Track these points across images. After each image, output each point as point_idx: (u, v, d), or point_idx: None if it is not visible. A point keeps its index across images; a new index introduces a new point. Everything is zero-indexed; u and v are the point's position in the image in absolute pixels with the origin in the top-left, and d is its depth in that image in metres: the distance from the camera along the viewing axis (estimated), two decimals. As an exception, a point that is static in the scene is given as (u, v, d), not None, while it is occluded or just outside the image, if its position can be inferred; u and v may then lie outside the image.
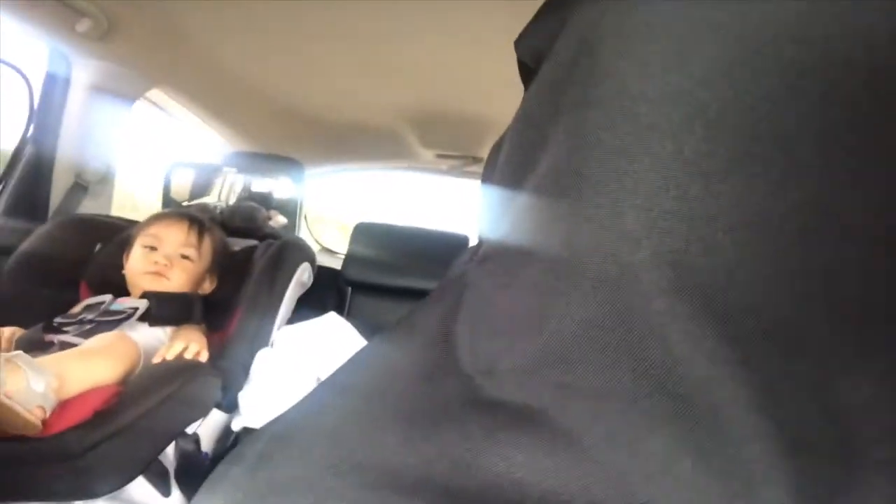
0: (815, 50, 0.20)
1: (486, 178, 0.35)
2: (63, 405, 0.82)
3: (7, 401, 0.74)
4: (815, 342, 0.20)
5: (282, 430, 0.29)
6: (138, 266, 1.28)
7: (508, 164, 0.30)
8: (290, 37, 1.46)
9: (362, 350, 0.32)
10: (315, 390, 0.31)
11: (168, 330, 1.21)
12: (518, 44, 0.33)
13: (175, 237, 1.32)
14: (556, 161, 0.25)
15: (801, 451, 0.20)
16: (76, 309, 1.22)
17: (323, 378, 1.03)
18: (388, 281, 1.84)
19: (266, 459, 0.27)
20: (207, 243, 1.36)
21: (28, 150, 1.45)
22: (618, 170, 0.22)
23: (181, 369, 1.02)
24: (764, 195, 0.20)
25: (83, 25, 1.28)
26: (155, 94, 1.72)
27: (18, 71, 1.35)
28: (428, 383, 0.26)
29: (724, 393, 0.20)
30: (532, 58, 0.31)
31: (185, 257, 1.31)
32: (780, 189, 0.20)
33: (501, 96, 1.71)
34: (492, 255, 0.29)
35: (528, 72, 0.33)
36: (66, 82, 1.45)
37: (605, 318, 0.22)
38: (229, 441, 1.16)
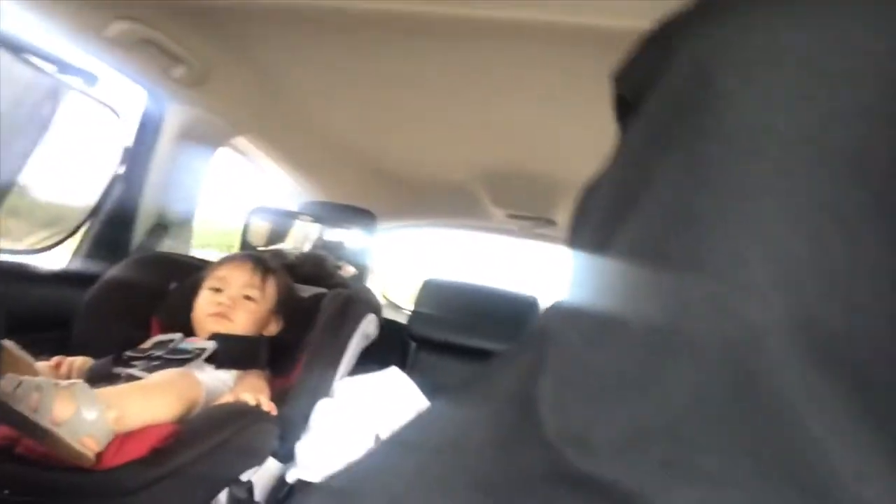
0: None
1: (578, 223, 0.32)
2: (121, 439, 0.81)
3: (52, 427, 0.74)
4: None
5: (343, 485, 0.26)
6: (204, 308, 1.31)
7: (605, 206, 0.27)
8: (370, 91, 1.49)
9: (431, 408, 0.28)
10: (379, 447, 0.27)
11: (233, 373, 1.21)
12: (617, 77, 0.30)
13: (239, 278, 1.34)
14: (664, 201, 0.22)
15: None
16: (146, 344, 1.24)
17: (382, 434, 1.00)
18: (453, 339, 1.80)
19: None
20: (271, 285, 1.38)
21: (117, 189, 1.50)
22: (740, 211, 0.19)
23: (240, 413, 1.01)
24: None
25: (178, 72, 1.34)
26: (238, 140, 1.78)
27: (115, 112, 1.42)
28: (504, 450, 0.23)
29: (877, 491, 0.16)
30: (633, 92, 0.28)
31: (248, 298, 1.32)
32: None
33: (575, 158, 1.70)
34: (582, 308, 0.25)
35: (625, 108, 0.30)
36: (158, 125, 1.51)
37: (724, 387, 0.18)
38: (283, 492, 1.12)
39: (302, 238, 1.92)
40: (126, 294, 1.37)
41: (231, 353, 1.21)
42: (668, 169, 0.22)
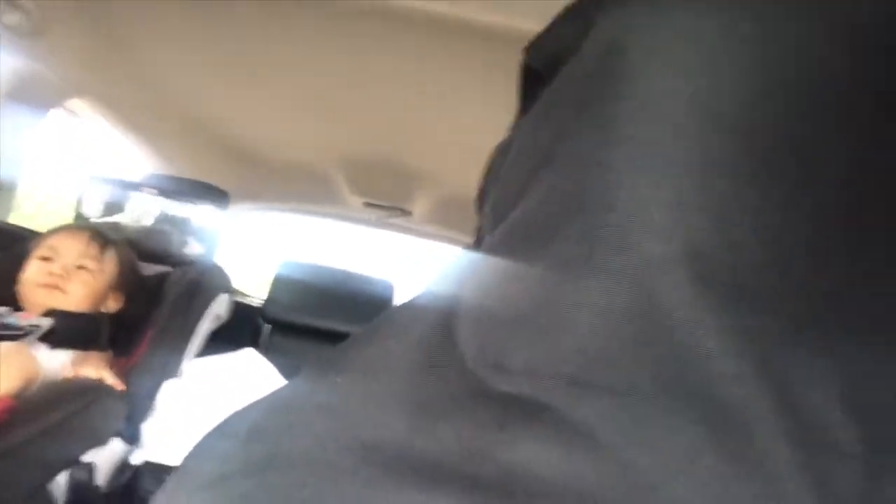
0: (830, 69, 0.22)
1: (489, 178, 0.34)
2: (-52, 416, 0.72)
3: None
4: (839, 344, 0.21)
5: (276, 402, 0.26)
6: (32, 278, 1.18)
7: (521, 160, 0.30)
8: (230, 65, 1.43)
9: (359, 335, 0.30)
10: (310, 369, 0.28)
11: (70, 354, 1.10)
12: (531, 49, 0.34)
13: (73, 248, 1.23)
14: (578, 153, 0.25)
15: (826, 451, 0.19)
16: (-36, 319, 1.10)
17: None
18: (311, 321, 1.78)
19: (260, 431, 0.24)
20: (111, 257, 1.28)
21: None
22: (646, 163, 0.23)
23: (82, 389, 0.93)
24: (783, 201, 0.21)
25: (12, 18, 1.19)
26: (75, 101, 1.62)
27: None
28: (431, 373, 0.25)
29: (749, 390, 0.20)
30: (546, 62, 0.32)
31: (83, 269, 1.22)
32: (795, 196, 0.21)
33: (437, 151, 1.75)
34: (495, 251, 0.28)
35: (533, 79, 0.33)
36: (-18, 77, 1.34)
37: (627, 309, 0.21)
38: (126, 476, 1.05)
39: (142, 211, 1.79)
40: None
41: (69, 331, 1.11)
42: (583, 126, 0.25)
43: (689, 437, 0.20)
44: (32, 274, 1.19)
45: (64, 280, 1.18)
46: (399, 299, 1.92)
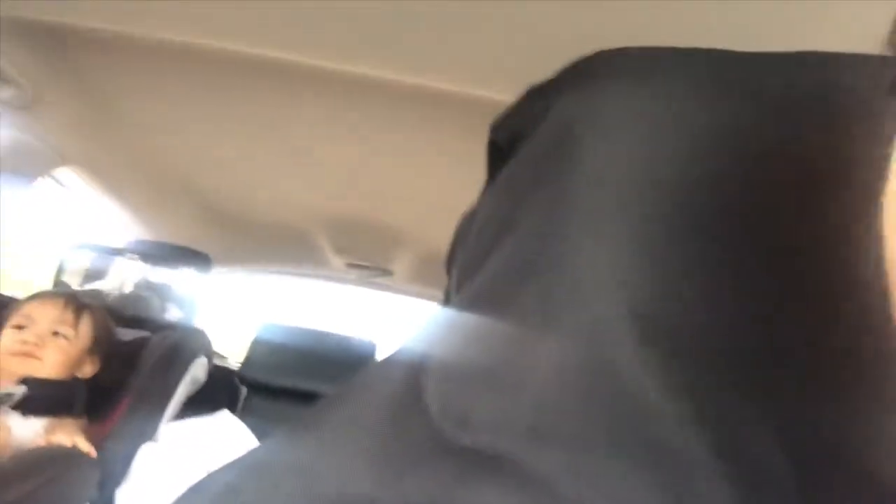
0: (758, 136, 0.25)
1: (457, 244, 0.37)
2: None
3: None
4: (777, 392, 0.22)
5: (249, 463, 0.27)
6: (6, 347, 1.18)
7: (486, 227, 0.32)
8: (217, 131, 1.47)
9: (332, 394, 0.31)
10: (283, 429, 0.30)
11: (44, 421, 1.10)
12: (495, 126, 0.37)
13: (48, 314, 1.23)
14: (536, 222, 0.27)
15: (764, 489, 0.21)
16: (-63, 389, 1.10)
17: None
18: (290, 383, 1.77)
19: (232, 491, 0.25)
20: (86, 322, 1.28)
21: None
22: (594, 230, 0.25)
23: (54, 458, 0.93)
24: (717, 259, 0.23)
25: (6, 93, 1.23)
26: (62, 170, 1.66)
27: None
28: (398, 428, 0.26)
29: (689, 435, 0.21)
30: (508, 139, 0.35)
31: (59, 335, 1.22)
32: (729, 255, 0.23)
33: (417, 212, 1.78)
34: (460, 313, 0.30)
35: (497, 154, 0.36)
36: (-31, 148, 1.37)
37: (580, 365, 0.23)
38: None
39: (123, 278, 1.80)
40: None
41: (42, 398, 1.11)
42: (539, 199, 0.28)
43: (638, 482, 0.21)
44: (6, 343, 1.19)
45: (38, 348, 1.18)
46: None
